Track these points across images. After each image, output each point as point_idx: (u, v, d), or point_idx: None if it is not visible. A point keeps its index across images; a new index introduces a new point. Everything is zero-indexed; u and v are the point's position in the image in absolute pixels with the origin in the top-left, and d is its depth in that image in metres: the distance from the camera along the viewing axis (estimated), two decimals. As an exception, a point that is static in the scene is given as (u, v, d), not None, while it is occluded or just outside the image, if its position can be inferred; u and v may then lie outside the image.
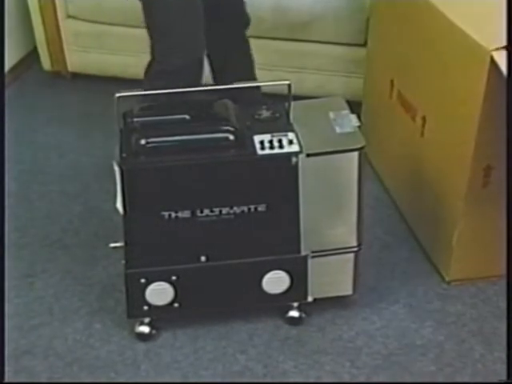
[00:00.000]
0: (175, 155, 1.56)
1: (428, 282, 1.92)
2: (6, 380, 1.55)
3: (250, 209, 1.61)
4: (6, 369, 1.56)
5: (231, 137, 1.57)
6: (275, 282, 1.71)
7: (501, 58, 1.52)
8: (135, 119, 1.60)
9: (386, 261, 1.99)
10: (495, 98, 1.57)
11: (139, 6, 1.89)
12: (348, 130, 1.64)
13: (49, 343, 1.75)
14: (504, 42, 1.54)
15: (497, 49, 1.54)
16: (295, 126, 1.63)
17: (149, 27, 1.88)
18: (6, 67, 2.56)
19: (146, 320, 1.74)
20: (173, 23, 1.82)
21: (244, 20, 2.09)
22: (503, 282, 1.86)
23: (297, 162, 1.57)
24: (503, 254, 1.59)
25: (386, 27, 2.17)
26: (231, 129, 1.57)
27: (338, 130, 1.64)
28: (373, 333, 1.78)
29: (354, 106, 1.78)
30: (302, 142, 1.59)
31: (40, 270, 1.96)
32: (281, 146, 1.58)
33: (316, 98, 1.84)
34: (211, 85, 1.62)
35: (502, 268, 1.60)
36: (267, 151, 1.57)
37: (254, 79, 2.14)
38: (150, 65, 1.91)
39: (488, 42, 1.58)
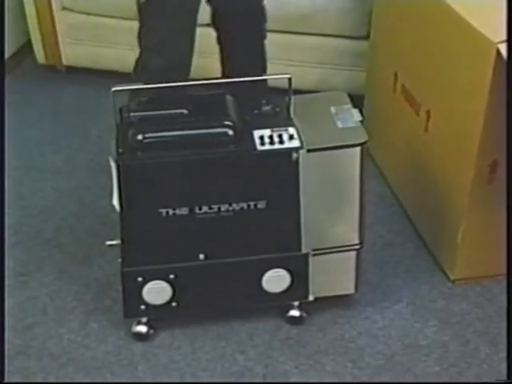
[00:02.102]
0: (173, 151, 1.54)
1: (432, 280, 1.91)
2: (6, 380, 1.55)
3: (249, 206, 1.59)
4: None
5: (230, 132, 1.55)
6: (275, 280, 1.70)
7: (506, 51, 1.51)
8: (132, 114, 1.59)
9: (389, 259, 1.98)
10: (501, 92, 1.55)
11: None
12: (350, 124, 1.63)
13: (43, 343, 1.74)
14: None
15: (502, 41, 1.53)
16: (296, 121, 1.61)
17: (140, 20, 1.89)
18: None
19: (144, 319, 1.73)
20: (162, 23, 1.82)
21: (258, 15, 2.03)
22: (509, 281, 1.84)
23: (297, 158, 1.56)
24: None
25: (390, 19, 2.17)
26: (230, 124, 1.56)
27: (339, 124, 1.63)
28: (375, 332, 1.77)
29: (356, 101, 1.77)
30: (302, 137, 1.57)
31: (34, 269, 1.95)
32: (281, 142, 1.56)
33: (317, 92, 1.85)
34: (211, 78, 1.59)
35: (509, 266, 1.58)
36: (267, 147, 1.56)
37: (262, 73, 2.11)
38: (138, 59, 1.93)
39: (494, 34, 1.57)
